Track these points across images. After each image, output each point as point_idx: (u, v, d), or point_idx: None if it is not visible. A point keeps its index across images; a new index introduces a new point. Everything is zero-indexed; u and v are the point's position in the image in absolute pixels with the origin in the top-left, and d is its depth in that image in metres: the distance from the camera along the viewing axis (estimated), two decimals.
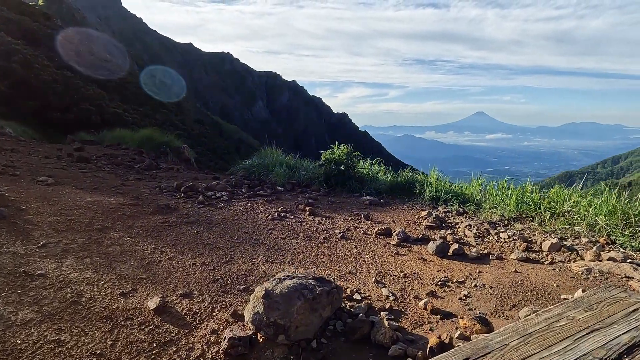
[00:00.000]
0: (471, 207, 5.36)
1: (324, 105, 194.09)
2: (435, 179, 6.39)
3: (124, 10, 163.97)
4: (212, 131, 49.50)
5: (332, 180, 6.57)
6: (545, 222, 4.53)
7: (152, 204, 4.99)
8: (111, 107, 19.37)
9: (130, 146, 9.89)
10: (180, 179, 6.81)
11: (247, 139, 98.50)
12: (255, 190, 6.19)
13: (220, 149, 35.73)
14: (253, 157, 8.10)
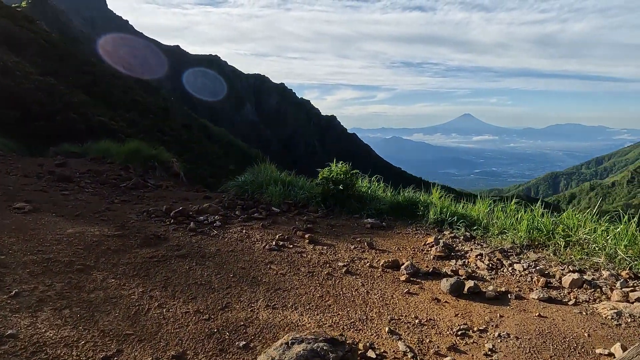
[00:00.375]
0: (479, 231, 5.10)
1: (313, 107, 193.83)
2: (438, 197, 6.13)
3: (109, 12, 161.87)
4: (200, 135, 48.89)
5: (330, 200, 6.27)
6: (561, 251, 4.28)
7: (139, 233, 4.62)
8: (96, 114, 18.77)
9: (116, 160, 9.45)
10: (169, 200, 6.43)
11: (236, 142, 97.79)
12: (250, 212, 5.85)
13: (210, 154, 35.23)
14: (246, 172, 7.75)
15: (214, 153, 36.72)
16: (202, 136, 50.24)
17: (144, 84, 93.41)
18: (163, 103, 47.69)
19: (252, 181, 7.21)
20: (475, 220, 5.38)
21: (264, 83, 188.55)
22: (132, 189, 7.02)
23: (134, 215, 5.38)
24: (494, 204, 5.53)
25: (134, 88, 45.12)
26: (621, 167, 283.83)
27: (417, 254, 4.56)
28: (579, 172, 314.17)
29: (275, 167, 7.58)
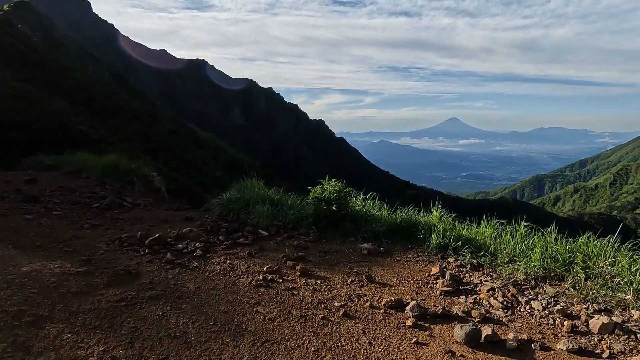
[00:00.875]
0: (486, 258, 4.66)
1: (301, 112, 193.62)
2: (439, 217, 5.68)
3: (94, 16, 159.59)
4: (188, 141, 48.03)
5: (322, 221, 5.77)
6: (581, 284, 3.86)
7: (107, 268, 4.06)
8: (76, 123, 17.96)
9: (93, 174, 8.83)
10: (146, 223, 5.86)
11: (224, 147, 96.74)
12: (235, 237, 5.31)
13: (197, 160, 34.52)
14: (232, 188, 7.21)
15: (201, 159, 36.05)
16: (189, 142, 49.46)
17: (130, 88, 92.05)
18: (149, 108, 46.82)
19: (238, 199, 6.68)
20: (482, 245, 4.93)
21: (252, 87, 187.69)
22: (106, 209, 6.43)
23: (104, 244, 4.81)
24: (501, 226, 5.09)
25: (119, 93, 44.15)
26: (604, 170, 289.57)
27: (421, 288, 4.08)
28: (563, 174, 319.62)
29: (263, 183, 7.06)
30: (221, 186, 24.51)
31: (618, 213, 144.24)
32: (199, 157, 36.38)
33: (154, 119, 33.69)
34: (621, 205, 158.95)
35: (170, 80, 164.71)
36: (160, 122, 39.25)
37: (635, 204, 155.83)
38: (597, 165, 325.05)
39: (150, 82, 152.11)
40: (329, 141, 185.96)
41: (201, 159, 38.01)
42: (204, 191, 21.83)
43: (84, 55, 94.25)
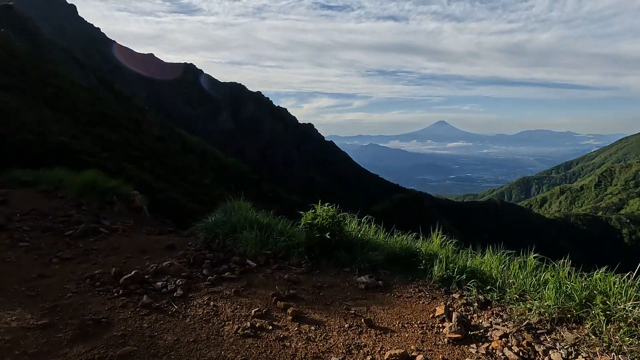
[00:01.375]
0: (494, 293, 4.29)
1: (290, 115, 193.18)
2: (439, 244, 5.31)
3: (80, 19, 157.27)
4: (175, 148, 47.28)
5: (315, 249, 5.36)
6: (602, 329, 3.51)
7: (74, 318, 3.59)
8: (57, 133, 17.21)
9: (70, 193, 8.29)
10: (123, 253, 5.38)
11: (213, 152, 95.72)
12: (220, 270, 4.87)
13: (184, 168, 33.90)
14: (217, 210, 6.76)
15: (188, 167, 35.39)
16: (177, 148, 48.73)
17: (116, 93, 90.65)
18: (135, 115, 46.03)
19: (224, 223, 6.24)
20: (488, 278, 4.57)
21: (241, 91, 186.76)
22: (81, 236, 5.93)
23: (74, 284, 4.33)
24: (507, 256, 4.73)
25: (104, 99, 43.29)
26: (588, 172, 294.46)
27: (427, 334, 3.69)
28: (549, 176, 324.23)
29: (250, 206, 6.61)
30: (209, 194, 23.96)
31: (603, 214, 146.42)
32: (186, 164, 35.71)
33: (140, 126, 32.96)
34: (606, 206, 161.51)
35: (158, 84, 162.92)
36: (147, 129, 38.56)
37: (619, 205, 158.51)
38: (582, 167, 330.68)
39: (138, 87, 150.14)
40: (318, 145, 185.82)
41: (189, 165, 37.36)
42: (191, 200, 21.27)
43: (69, 59, 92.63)
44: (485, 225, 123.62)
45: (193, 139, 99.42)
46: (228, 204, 6.81)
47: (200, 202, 14.81)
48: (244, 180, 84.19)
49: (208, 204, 15.66)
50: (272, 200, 78.56)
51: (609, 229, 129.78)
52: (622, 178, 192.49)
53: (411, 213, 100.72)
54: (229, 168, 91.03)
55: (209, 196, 17.81)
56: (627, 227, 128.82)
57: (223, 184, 37.08)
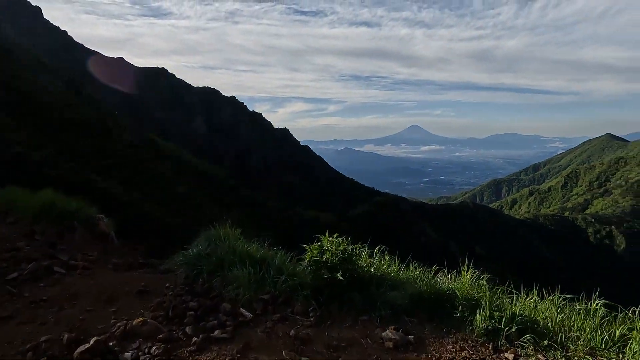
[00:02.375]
0: (556, 352, 3.46)
1: (265, 120, 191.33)
2: (469, 281, 4.45)
3: (46, 22, 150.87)
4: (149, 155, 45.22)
5: (324, 293, 4.41)
6: None
7: None
8: (16, 141, 15.49)
9: (23, 217, 7.03)
10: (82, 303, 4.26)
11: (188, 158, 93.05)
12: (208, 327, 3.84)
13: (159, 176, 32.28)
14: (200, 238, 5.70)
15: (163, 175, 33.74)
16: (151, 155, 46.70)
17: (85, 98, 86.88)
18: (105, 120, 43.91)
19: (209, 256, 5.20)
20: (543, 329, 3.73)
21: (215, 96, 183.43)
22: (29, 280, 4.76)
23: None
24: (564, 301, 3.92)
25: (72, 104, 41.02)
26: (555, 173, 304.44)
27: None
28: (518, 178, 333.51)
29: (239, 234, 5.59)
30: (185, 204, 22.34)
31: (570, 214, 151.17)
32: (161, 172, 33.97)
33: (111, 132, 31.12)
34: (572, 207, 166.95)
35: (129, 89, 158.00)
36: (118, 135, 36.62)
37: (584, 205, 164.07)
38: (549, 169, 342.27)
39: (108, 92, 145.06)
40: (294, 150, 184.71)
41: (163, 173, 35.65)
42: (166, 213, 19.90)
43: (36, 63, 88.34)
44: (460, 227, 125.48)
45: (168, 145, 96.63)
46: (212, 231, 5.77)
47: (176, 213, 13.59)
48: (221, 186, 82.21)
49: (184, 216, 14.33)
50: (250, 206, 76.90)
51: (575, 229, 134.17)
52: (586, 179, 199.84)
53: (390, 216, 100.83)
54: (205, 174, 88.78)
55: (185, 205, 16.53)
56: (592, 226, 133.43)
57: (199, 191, 35.68)
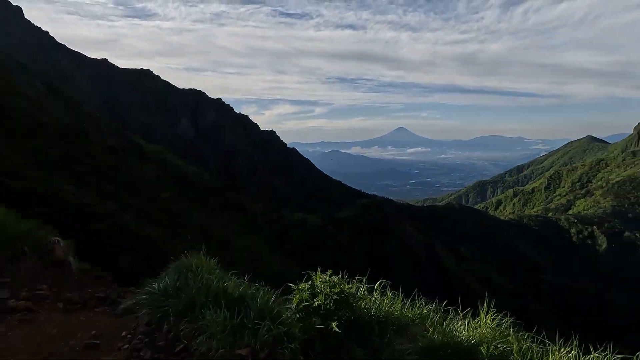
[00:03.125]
0: None
1: (251, 122, 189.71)
2: (492, 327, 3.71)
3: (27, 22, 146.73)
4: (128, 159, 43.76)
5: (315, 345, 3.61)
6: None
7: None
8: None
9: None
10: None
11: (172, 160, 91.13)
12: None
13: (139, 181, 31.03)
14: (169, 271, 4.85)
15: (145, 180, 32.48)
16: (132, 160, 45.31)
17: (65, 100, 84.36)
18: (82, 124, 42.37)
19: (177, 293, 4.35)
20: None
21: (200, 98, 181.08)
22: None
23: None
24: None
25: (45, 108, 39.39)
26: (538, 174, 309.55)
27: None
28: (503, 180, 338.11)
29: (215, 264, 4.76)
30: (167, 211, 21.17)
31: (553, 214, 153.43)
32: (141, 177, 32.72)
33: (87, 136, 29.80)
34: (555, 207, 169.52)
35: (112, 90, 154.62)
36: (96, 139, 35.25)
37: (567, 206, 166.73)
38: (533, 171, 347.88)
39: (91, 94, 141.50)
40: (280, 152, 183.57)
41: (145, 178, 34.38)
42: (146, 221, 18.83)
43: (12, 64, 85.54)
44: (446, 228, 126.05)
45: (152, 148, 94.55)
46: (184, 260, 4.91)
47: (157, 222, 12.63)
48: (206, 189, 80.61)
49: (165, 226, 13.25)
50: (235, 208, 75.55)
51: (559, 229, 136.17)
52: (568, 180, 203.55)
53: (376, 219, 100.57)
54: (190, 177, 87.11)
55: (167, 213, 15.52)
56: (575, 226, 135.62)
57: (183, 196, 34.43)
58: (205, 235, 15.33)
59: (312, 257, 64.17)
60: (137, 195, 25.64)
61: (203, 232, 15.89)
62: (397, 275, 67.00)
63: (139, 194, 26.54)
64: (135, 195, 25.18)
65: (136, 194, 26.06)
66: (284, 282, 4.15)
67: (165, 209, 25.43)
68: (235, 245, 17.76)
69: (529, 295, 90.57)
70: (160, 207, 25.82)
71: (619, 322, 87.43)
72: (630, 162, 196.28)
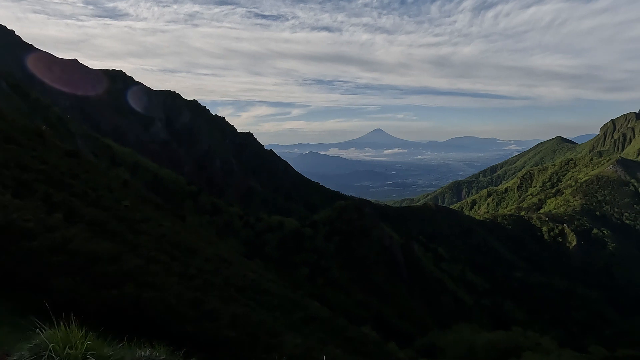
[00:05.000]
0: None
1: (228, 124, 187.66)
2: None
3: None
4: (89, 165, 42.01)
5: None
6: None
7: None
8: None
9: None
10: None
11: (144, 163, 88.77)
12: None
13: (99, 188, 29.73)
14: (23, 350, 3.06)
15: (107, 186, 31.18)
16: (93, 165, 43.58)
17: (32, 101, 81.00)
18: (39, 126, 40.48)
19: None
20: None
21: (175, 99, 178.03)
22: None
23: None
24: None
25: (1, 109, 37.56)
26: (511, 174, 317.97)
27: None
28: (477, 180, 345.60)
29: (91, 336, 3.28)
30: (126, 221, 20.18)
31: (525, 213, 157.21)
32: (102, 184, 31.28)
33: (43, 140, 28.40)
34: (528, 206, 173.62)
35: (83, 92, 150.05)
36: (54, 143, 33.72)
37: (539, 205, 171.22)
38: (506, 171, 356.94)
39: (60, 95, 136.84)
40: (257, 154, 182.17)
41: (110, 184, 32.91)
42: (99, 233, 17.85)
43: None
44: (423, 228, 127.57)
45: (123, 151, 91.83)
46: (47, 333, 3.22)
47: (112, 234, 11.91)
48: (180, 192, 78.75)
49: (122, 237, 12.59)
50: (211, 212, 74.02)
51: (531, 227, 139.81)
52: (539, 180, 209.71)
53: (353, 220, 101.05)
54: (162, 180, 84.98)
55: (127, 223, 14.79)
56: (546, 224, 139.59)
57: (150, 202, 33.31)
58: (171, 245, 14.66)
59: (289, 259, 63.58)
60: (95, 204, 24.52)
61: (169, 242, 15.15)
62: (375, 275, 67.22)
63: (96, 202, 25.38)
64: (93, 204, 24.03)
65: (93, 202, 24.91)
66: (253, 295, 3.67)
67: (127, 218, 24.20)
68: (205, 253, 17.04)
69: (503, 292, 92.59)
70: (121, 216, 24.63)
71: (587, 317, 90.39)
72: (597, 161, 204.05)
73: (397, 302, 61.51)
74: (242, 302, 10.84)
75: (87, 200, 15.62)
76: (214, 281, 11.62)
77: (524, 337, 33.07)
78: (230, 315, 7.38)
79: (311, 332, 13.08)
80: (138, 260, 7.94)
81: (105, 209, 15.98)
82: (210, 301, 8.12)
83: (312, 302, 20.28)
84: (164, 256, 10.79)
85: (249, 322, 8.22)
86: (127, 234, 12.53)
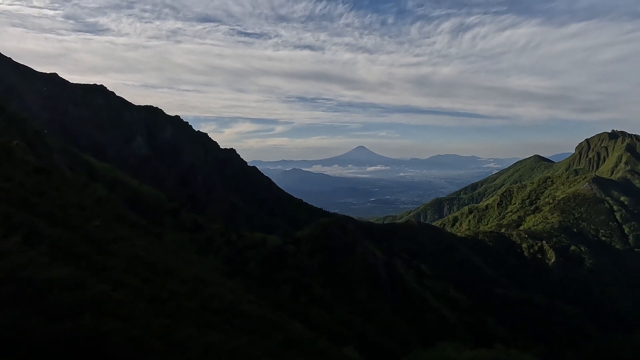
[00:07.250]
0: None
1: (211, 140, 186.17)
2: None
3: None
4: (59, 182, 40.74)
5: None
6: None
7: None
8: None
9: None
10: None
11: (123, 179, 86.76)
12: None
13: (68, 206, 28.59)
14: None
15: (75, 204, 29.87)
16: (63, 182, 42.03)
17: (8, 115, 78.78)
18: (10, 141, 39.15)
19: None
20: None
21: (157, 115, 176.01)
22: None
23: None
24: None
25: None
26: (491, 192, 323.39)
27: None
28: (458, 197, 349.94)
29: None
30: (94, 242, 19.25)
31: (506, 230, 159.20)
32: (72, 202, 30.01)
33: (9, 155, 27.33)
34: (508, 223, 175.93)
35: (62, 106, 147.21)
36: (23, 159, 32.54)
37: (518, 222, 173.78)
38: (486, 188, 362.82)
39: (39, 109, 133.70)
40: (241, 170, 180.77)
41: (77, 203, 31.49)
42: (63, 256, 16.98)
43: None
44: (405, 245, 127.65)
45: (103, 166, 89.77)
46: None
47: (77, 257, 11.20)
48: (160, 209, 77.03)
49: (87, 259, 11.89)
50: (192, 229, 72.53)
51: (511, 244, 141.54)
52: (519, 197, 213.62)
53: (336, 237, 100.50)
54: (142, 196, 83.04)
55: (94, 244, 14.00)
56: (525, 241, 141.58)
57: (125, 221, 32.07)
58: (145, 266, 13.95)
59: (272, 277, 62.44)
60: (62, 224, 23.39)
61: (142, 263, 14.43)
62: (358, 293, 66.54)
63: (64, 222, 24.23)
64: (60, 224, 22.92)
65: (61, 222, 23.78)
66: None
67: (97, 238, 23.16)
68: (181, 274, 16.30)
69: (485, 309, 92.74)
70: (90, 236, 23.51)
71: (568, 333, 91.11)
72: (573, 179, 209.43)
73: (380, 320, 60.75)
74: (219, 327, 10.23)
75: (54, 220, 14.77)
76: (188, 305, 10.98)
77: (506, 354, 32.89)
78: (203, 343, 6.90)
79: (291, 356, 12.50)
80: (103, 285, 7.36)
81: (73, 229, 15.16)
82: (182, 329, 7.56)
83: (293, 324, 19.62)
84: (135, 279, 10.16)
85: (223, 350, 7.70)
86: (95, 256, 11.80)
